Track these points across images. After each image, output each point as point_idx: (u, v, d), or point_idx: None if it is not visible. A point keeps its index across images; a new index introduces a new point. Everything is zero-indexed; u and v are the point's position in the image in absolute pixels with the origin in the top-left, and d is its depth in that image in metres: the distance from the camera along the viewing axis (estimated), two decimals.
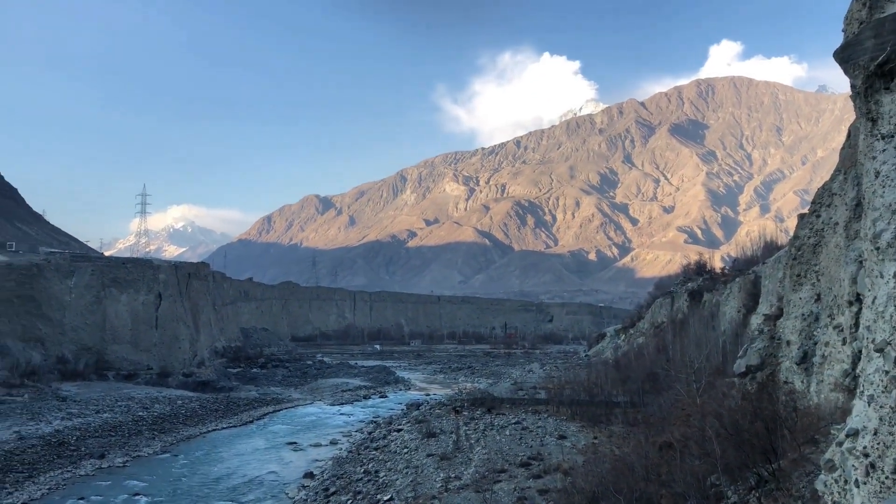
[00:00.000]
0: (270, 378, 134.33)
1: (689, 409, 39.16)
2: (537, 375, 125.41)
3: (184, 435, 75.75)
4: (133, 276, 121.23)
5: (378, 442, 67.89)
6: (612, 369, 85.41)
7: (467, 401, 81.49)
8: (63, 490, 52.99)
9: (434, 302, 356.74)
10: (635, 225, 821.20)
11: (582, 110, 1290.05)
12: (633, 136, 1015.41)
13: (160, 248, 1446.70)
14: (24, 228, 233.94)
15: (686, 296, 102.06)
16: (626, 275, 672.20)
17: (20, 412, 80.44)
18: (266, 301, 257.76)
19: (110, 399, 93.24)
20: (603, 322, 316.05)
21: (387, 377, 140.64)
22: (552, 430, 63.21)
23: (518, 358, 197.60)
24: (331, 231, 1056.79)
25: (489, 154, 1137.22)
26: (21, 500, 49.44)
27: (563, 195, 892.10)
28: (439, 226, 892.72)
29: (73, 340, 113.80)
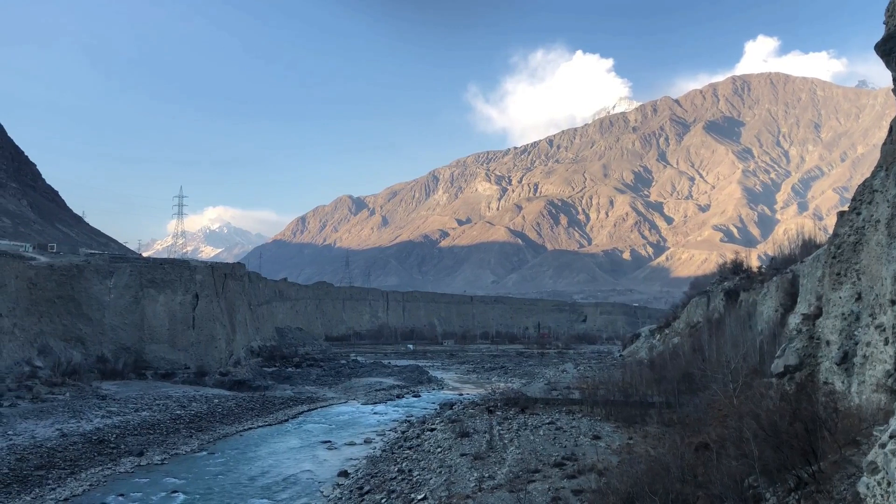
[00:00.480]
0: (305, 377, 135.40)
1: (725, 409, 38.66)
2: (571, 375, 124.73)
3: (220, 433, 76.70)
4: (170, 277, 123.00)
5: (412, 441, 68.07)
6: (647, 369, 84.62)
7: (501, 400, 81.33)
8: (103, 486, 53.98)
9: (467, 302, 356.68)
10: (670, 224, 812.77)
11: (615, 108, 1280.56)
12: (668, 133, 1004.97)
13: (197, 249, 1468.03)
14: (65, 230, 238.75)
15: (722, 295, 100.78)
16: (661, 274, 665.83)
17: (62, 410, 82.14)
18: (300, 301, 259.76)
19: (149, 398, 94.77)
20: (637, 322, 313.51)
21: (420, 377, 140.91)
22: (586, 430, 62.82)
23: (551, 358, 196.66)
24: (364, 231, 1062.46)
25: (522, 153, 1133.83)
26: (63, 495, 50.47)
27: (596, 194, 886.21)
28: (471, 225, 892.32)
29: (112, 340, 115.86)
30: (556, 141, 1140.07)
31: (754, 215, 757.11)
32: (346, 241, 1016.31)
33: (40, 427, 72.48)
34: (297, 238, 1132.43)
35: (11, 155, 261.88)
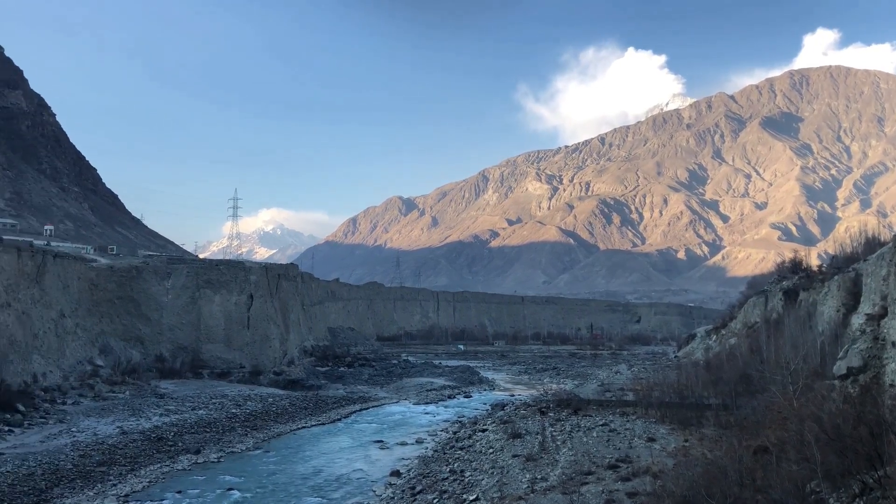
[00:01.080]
0: (357, 377, 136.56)
1: (785, 412, 37.70)
2: (625, 377, 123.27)
3: (275, 432, 77.78)
4: (226, 278, 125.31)
5: (463, 442, 68.03)
6: (703, 371, 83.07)
7: (553, 402, 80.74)
8: (162, 483, 55.19)
9: (518, 302, 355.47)
10: (726, 222, 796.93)
11: (668, 105, 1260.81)
12: (723, 130, 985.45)
13: (251, 251, 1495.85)
14: (125, 232, 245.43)
15: (781, 295, 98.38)
16: (717, 274, 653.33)
17: (122, 408, 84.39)
18: (352, 301, 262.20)
19: (205, 396, 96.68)
20: (693, 322, 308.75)
21: (471, 377, 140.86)
22: (641, 432, 61.94)
23: (604, 359, 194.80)
24: (414, 232, 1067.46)
25: (573, 152, 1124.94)
26: (124, 491, 51.75)
27: (649, 192, 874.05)
28: (522, 225, 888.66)
29: (170, 339, 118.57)
30: (608, 139, 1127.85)
31: (814, 213, 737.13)
32: (396, 242, 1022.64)
33: (102, 424, 74.56)
34: (348, 239, 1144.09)
35: (73, 160, 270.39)
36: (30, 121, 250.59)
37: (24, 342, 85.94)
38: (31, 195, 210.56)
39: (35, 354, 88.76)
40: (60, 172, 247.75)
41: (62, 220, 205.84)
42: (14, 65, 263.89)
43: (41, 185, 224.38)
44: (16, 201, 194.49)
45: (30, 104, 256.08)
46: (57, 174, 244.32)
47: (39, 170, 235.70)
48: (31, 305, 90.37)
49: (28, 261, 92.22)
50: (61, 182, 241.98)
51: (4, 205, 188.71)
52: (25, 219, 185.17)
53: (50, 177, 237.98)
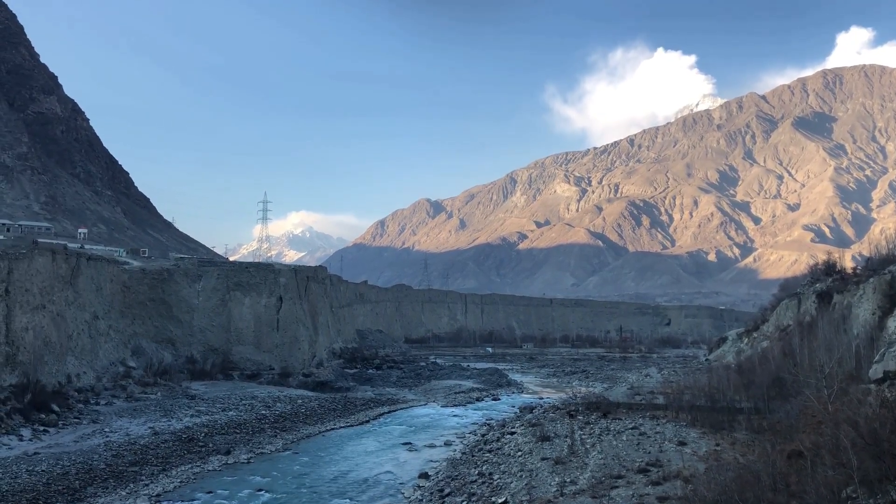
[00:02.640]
0: (385, 379, 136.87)
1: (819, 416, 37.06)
2: (655, 380, 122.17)
3: (304, 433, 78.19)
4: (256, 280, 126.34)
5: (492, 444, 67.84)
6: (735, 374, 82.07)
7: (582, 405, 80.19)
8: (193, 483, 55.72)
9: (546, 305, 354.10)
10: (758, 224, 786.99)
11: (699, 106, 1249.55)
12: (754, 131, 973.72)
13: (281, 253, 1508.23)
14: (156, 235, 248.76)
15: (814, 297, 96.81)
16: (749, 276, 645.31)
17: (154, 409, 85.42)
18: (380, 303, 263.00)
19: (235, 398, 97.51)
20: (724, 325, 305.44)
21: (499, 380, 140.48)
22: (671, 435, 61.28)
23: (634, 362, 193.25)
24: (441, 234, 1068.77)
25: (601, 153, 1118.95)
26: (156, 491, 52.34)
27: (679, 194, 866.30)
28: (550, 227, 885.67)
29: (200, 341, 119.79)
30: (638, 140, 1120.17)
31: (848, 214, 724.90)
32: (424, 244, 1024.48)
33: (134, 425, 75.53)
34: (376, 241, 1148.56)
35: (106, 164, 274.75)
36: (64, 126, 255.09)
37: (58, 343, 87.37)
38: (66, 199, 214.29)
39: (69, 356, 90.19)
40: (94, 176, 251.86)
41: (95, 223, 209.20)
42: (49, 71, 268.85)
43: (75, 189, 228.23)
44: (51, 205, 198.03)
45: (64, 109, 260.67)
46: (90, 178, 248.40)
47: (73, 174, 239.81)
48: (65, 307, 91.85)
49: (62, 263, 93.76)
50: (95, 186, 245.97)
51: (40, 208, 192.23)
52: (60, 222, 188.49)
53: (84, 181, 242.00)
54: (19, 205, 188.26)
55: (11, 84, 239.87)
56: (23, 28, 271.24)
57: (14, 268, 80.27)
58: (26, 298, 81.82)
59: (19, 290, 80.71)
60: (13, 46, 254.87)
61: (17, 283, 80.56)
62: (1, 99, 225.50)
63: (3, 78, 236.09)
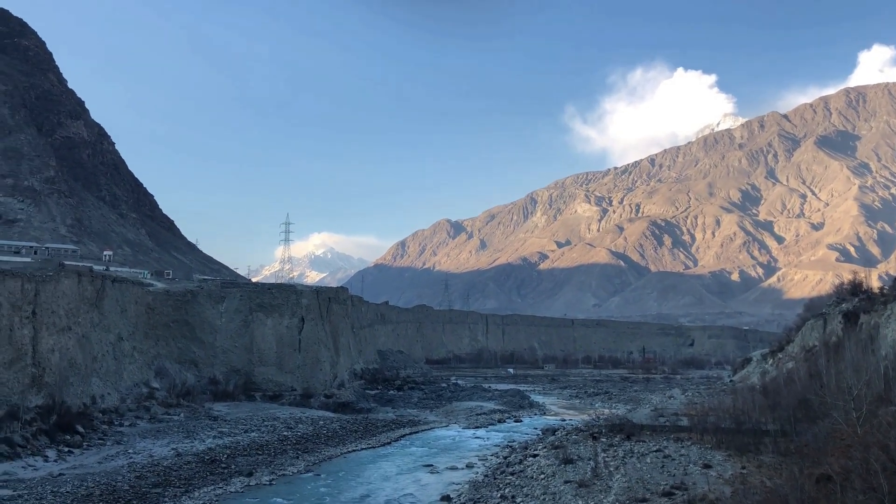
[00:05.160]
0: (407, 400, 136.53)
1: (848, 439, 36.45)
2: (678, 401, 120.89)
3: (325, 455, 78.08)
4: (278, 301, 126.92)
5: (514, 467, 67.35)
6: (760, 395, 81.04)
7: (605, 427, 79.49)
8: None
9: (567, 325, 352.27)
10: (781, 243, 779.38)
11: (720, 125, 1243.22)
12: (776, 150, 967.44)
13: (302, 274, 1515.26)
14: (180, 257, 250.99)
15: (840, 318, 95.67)
16: (773, 296, 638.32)
17: (177, 430, 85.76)
18: (401, 324, 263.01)
19: (257, 419, 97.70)
20: (748, 346, 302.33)
21: (521, 401, 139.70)
22: (696, 458, 60.56)
23: (657, 383, 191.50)
24: (462, 255, 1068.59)
25: (622, 173, 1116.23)
26: None
27: (701, 213, 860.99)
28: (571, 248, 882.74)
29: (223, 362, 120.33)
30: (658, 160, 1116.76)
31: (873, 233, 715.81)
32: (444, 265, 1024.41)
33: (157, 446, 75.86)
34: (397, 262, 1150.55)
35: (131, 187, 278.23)
36: (90, 150, 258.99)
37: (83, 365, 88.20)
38: (92, 221, 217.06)
39: (94, 377, 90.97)
40: (119, 199, 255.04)
41: (121, 245, 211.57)
42: (76, 96, 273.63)
43: (101, 212, 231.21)
44: (77, 227, 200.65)
45: (90, 133, 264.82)
46: (116, 201, 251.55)
47: (99, 197, 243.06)
48: (90, 329, 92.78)
49: (88, 285, 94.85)
50: (120, 209, 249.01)
51: (66, 231, 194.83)
52: (86, 244, 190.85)
53: (109, 203, 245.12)
54: (46, 227, 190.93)
55: (40, 109, 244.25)
56: (51, 55, 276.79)
57: (41, 290, 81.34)
58: (52, 320, 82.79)
59: (46, 312, 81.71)
60: (42, 73, 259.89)
61: (44, 305, 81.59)
62: (30, 124, 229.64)
63: (32, 104, 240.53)
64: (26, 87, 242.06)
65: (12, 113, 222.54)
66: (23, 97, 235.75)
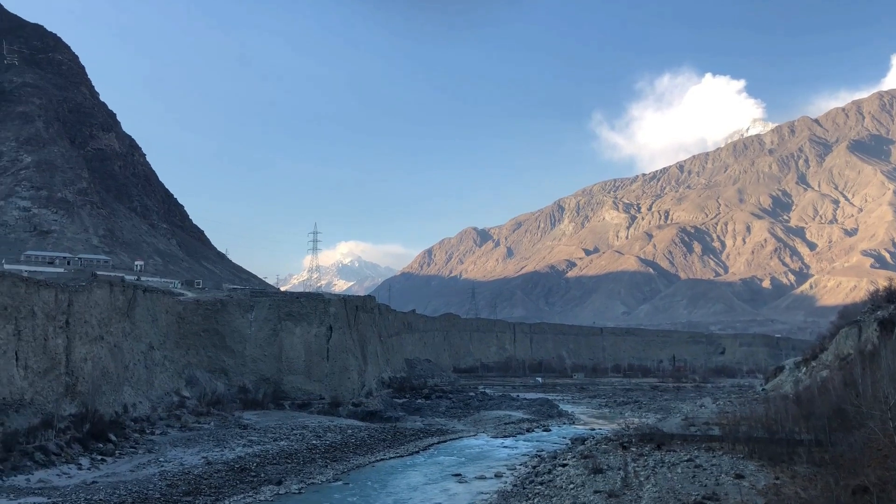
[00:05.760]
0: (434, 409, 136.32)
1: (885, 449, 35.75)
2: (710, 410, 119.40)
3: (354, 464, 78.17)
4: (306, 310, 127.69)
5: (543, 476, 66.91)
6: (793, 404, 79.73)
7: (635, 436, 78.76)
8: None
9: (596, 333, 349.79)
10: (813, 250, 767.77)
11: (749, 130, 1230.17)
12: (807, 155, 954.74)
13: (330, 283, 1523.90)
14: (210, 267, 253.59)
15: (876, 325, 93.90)
16: (805, 303, 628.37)
17: (207, 438, 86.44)
18: (428, 332, 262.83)
19: (286, 427, 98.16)
20: (780, 354, 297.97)
21: (550, 410, 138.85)
22: (728, 468, 59.72)
23: (688, 392, 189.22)
24: (489, 263, 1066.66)
25: (650, 180, 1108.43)
26: None
27: (731, 220, 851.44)
28: (599, 255, 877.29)
29: (252, 371, 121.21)
30: (687, 166, 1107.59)
31: None
32: (471, 273, 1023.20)
33: (188, 455, 76.51)
34: (423, 270, 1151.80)
35: (162, 198, 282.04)
36: (122, 161, 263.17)
37: (115, 374, 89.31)
38: (123, 232, 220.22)
39: (126, 386, 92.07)
40: (150, 210, 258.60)
41: (152, 255, 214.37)
42: (108, 109, 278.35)
43: (132, 223, 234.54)
44: (109, 238, 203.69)
45: (122, 145, 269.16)
46: (147, 212, 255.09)
47: (131, 207, 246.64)
48: (122, 338, 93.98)
49: (120, 295, 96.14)
50: (151, 219, 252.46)
51: (98, 241, 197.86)
52: (118, 255, 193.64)
53: (140, 214, 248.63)
54: (79, 238, 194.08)
55: (73, 122, 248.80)
56: (84, 69, 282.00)
57: (74, 300, 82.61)
58: (85, 330, 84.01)
59: (79, 322, 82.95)
60: (75, 86, 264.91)
61: (77, 314, 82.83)
62: (63, 136, 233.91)
63: (65, 116, 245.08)
64: (60, 100, 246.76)
65: (46, 126, 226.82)
66: (56, 110, 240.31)
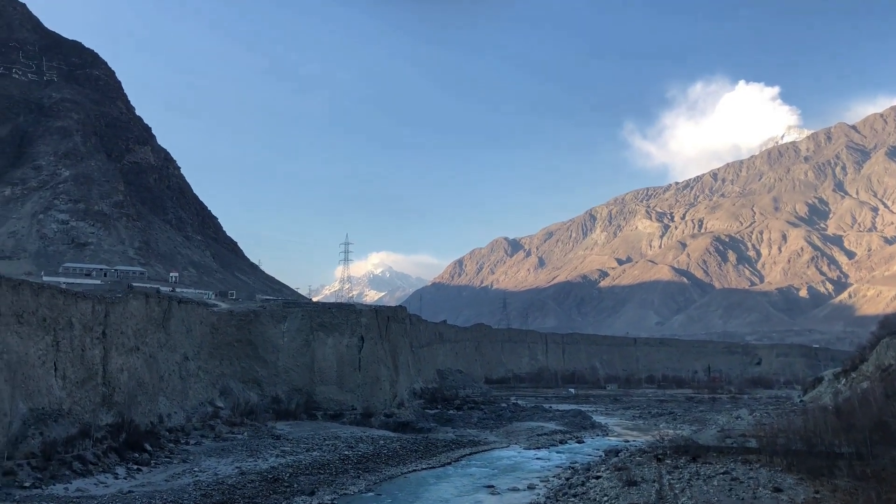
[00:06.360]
0: (466, 420, 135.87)
1: None
2: (746, 422, 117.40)
3: (386, 475, 78.09)
4: (338, 320, 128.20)
5: (576, 488, 66.22)
6: (833, 416, 78.06)
7: (670, 448, 77.66)
8: None
9: (630, 344, 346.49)
10: (852, 258, 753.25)
11: (784, 138, 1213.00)
12: (844, 161, 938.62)
13: (361, 293, 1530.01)
14: (243, 278, 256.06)
15: None
16: (844, 313, 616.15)
17: (241, 449, 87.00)
18: (460, 343, 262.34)
19: (319, 438, 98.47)
20: (819, 365, 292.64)
21: (583, 422, 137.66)
22: (765, 481, 58.56)
23: (723, 403, 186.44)
24: (520, 273, 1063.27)
25: (683, 188, 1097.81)
26: None
27: (767, 228, 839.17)
28: (632, 265, 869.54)
29: (285, 381, 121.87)
30: (721, 174, 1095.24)
31: None
32: (502, 283, 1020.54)
33: (222, 465, 77.05)
34: (454, 281, 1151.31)
35: (196, 210, 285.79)
36: (157, 174, 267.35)
37: (151, 384, 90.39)
38: (158, 244, 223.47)
39: (161, 396, 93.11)
40: (185, 222, 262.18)
41: (186, 266, 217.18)
42: (144, 123, 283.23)
43: (167, 235, 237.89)
44: (144, 250, 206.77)
45: (157, 158, 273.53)
46: (181, 224, 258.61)
47: (165, 220, 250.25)
48: (157, 349, 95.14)
49: (155, 306, 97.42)
50: (185, 231, 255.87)
51: (134, 253, 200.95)
52: (153, 266, 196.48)
53: (175, 226, 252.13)
54: (115, 250, 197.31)
55: (109, 136, 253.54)
56: (120, 84, 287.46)
57: (110, 311, 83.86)
58: (121, 341, 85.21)
59: (115, 333, 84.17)
60: (111, 101, 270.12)
61: (114, 325, 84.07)
62: (100, 150, 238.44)
63: (102, 131, 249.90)
64: (97, 115, 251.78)
65: (84, 140, 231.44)
66: (93, 125, 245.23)
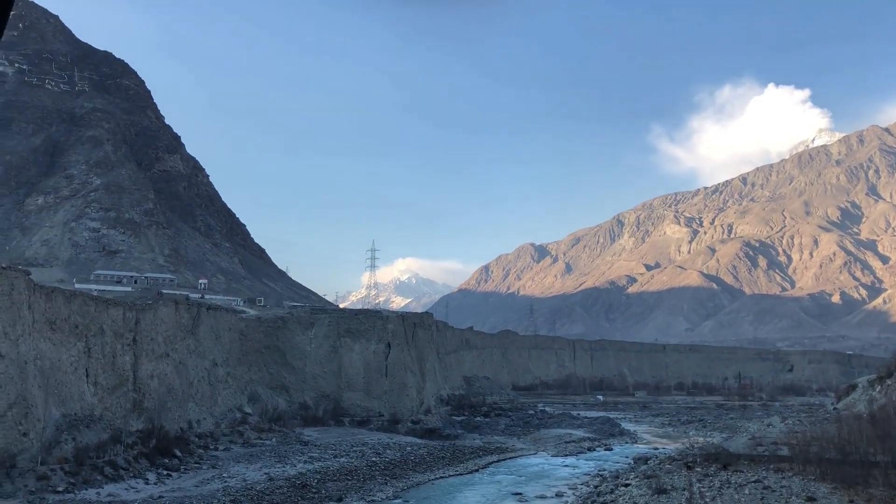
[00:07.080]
0: (493, 427, 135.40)
1: None
2: (778, 430, 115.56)
3: (413, 481, 78.01)
4: (364, 327, 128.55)
5: (605, 496, 65.62)
6: (868, 424, 76.58)
7: (700, 456, 76.67)
8: None
9: (659, 351, 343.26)
10: (886, 263, 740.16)
11: (815, 141, 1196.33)
12: (878, 165, 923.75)
13: (388, 300, 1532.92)
14: (271, 284, 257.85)
15: None
16: (878, 318, 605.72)
17: (269, 455, 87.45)
18: (486, 349, 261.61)
19: (346, 444, 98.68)
20: (852, 371, 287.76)
21: (611, 429, 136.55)
22: (798, 490, 57.55)
23: (754, 411, 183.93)
24: (547, 279, 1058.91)
25: (712, 193, 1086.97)
26: None
27: (798, 233, 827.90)
28: (661, 270, 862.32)
29: (313, 388, 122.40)
30: (751, 178, 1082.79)
31: None
32: (529, 289, 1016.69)
33: (250, 470, 77.47)
34: (481, 287, 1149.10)
35: (225, 218, 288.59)
36: (186, 182, 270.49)
37: (180, 390, 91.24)
38: (188, 251, 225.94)
39: (190, 402, 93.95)
40: (213, 229, 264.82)
41: (215, 273, 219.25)
42: (173, 131, 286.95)
43: (196, 242, 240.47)
44: (174, 257, 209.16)
45: (186, 167, 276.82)
46: (210, 231, 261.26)
47: (194, 227, 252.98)
48: (187, 355, 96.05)
49: (184, 313, 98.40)
50: (214, 238, 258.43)
51: (164, 261, 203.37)
52: (182, 273, 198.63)
53: (204, 234, 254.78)
54: (146, 258, 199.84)
55: (140, 145, 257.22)
56: (150, 93, 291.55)
57: (141, 318, 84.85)
58: (152, 347, 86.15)
59: (145, 340, 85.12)
60: (141, 110, 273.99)
61: (144, 332, 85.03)
62: (130, 159, 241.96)
63: (132, 140, 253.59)
64: (127, 124, 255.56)
65: (115, 149, 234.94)
66: (124, 134, 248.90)
